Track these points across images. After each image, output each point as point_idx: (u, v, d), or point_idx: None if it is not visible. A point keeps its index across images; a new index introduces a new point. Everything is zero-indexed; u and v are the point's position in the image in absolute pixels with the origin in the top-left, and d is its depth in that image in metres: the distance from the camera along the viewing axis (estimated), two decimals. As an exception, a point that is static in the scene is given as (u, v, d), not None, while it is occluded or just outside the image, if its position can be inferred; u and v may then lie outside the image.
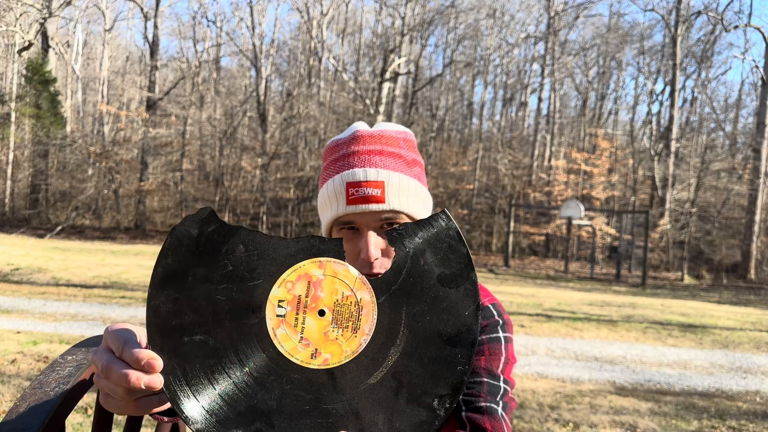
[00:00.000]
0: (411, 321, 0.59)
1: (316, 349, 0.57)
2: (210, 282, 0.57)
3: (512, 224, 21.83)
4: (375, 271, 0.84)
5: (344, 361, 0.58)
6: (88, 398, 3.96)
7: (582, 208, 19.09)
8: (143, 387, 0.53)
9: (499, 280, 15.86)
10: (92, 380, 0.83)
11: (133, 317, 7.07)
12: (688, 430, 4.24)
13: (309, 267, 0.59)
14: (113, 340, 0.56)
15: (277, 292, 0.58)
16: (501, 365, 0.91)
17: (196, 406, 0.55)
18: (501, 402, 0.86)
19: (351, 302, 0.58)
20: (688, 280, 20.07)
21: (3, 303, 7.51)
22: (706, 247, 23.28)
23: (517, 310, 9.41)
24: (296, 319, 0.58)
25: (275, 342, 0.57)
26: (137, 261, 13.59)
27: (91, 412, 3.76)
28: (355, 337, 0.58)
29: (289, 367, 0.57)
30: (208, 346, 0.56)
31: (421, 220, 0.61)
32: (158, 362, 0.54)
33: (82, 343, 0.88)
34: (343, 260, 0.60)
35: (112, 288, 9.32)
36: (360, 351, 0.58)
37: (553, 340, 7.14)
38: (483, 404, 0.84)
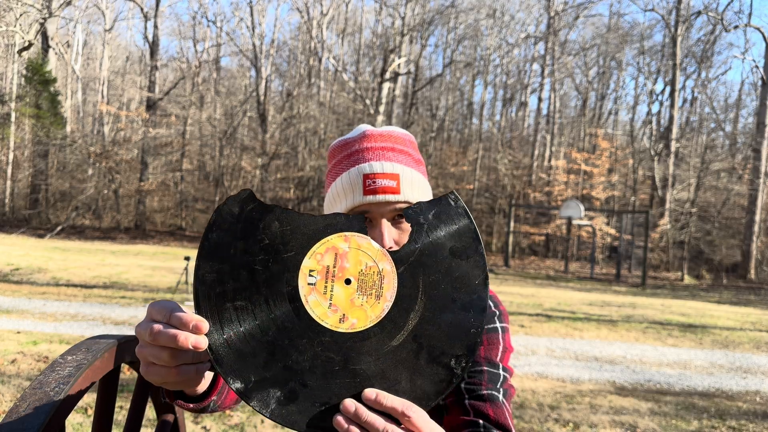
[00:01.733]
0: (428, 289, 0.64)
1: (344, 314, 0.63)
2: (249, 254, 0.64)
3: (512, 224, 21.83)
4: None
5: (369, 325, 0.63)
6: (89, 398, 3.96)
7: (582, 208, 19.09)
8: (191, 347, 0.58)
9: (499, 280, 15.86)
10: (92, 381, 0.83)
11: (134, 317, 7.07)
12: (688, 430, 4.24)
13: (336, 240, 0.65)
14: (159, 309, 0.62)
15: (308, 262, 0.64)
16: (499, 354, 0.95)
17: (236, 367, 0.61)
18: (501, 389, 0.90)
19: (374, 272, 0.64)
20: (688, 280, 20.07)
21: (3, 303, 7.51)
22: (706, 247, 23.28)
23: (517, 310, 9.41)
24: (325, 287, 0.64)
25: (307, 307, 0.63)
26: (137, 261, 13.59)
27: (91, 412, 3.76)
28: (378, 303, 0.64)
29: (320, 330, 0.63)
30: (248, 310, 0.63)
31: (434, 200, 0.67)
32: (204, 324, 0.59)
33: (82, 343, 0.88)
34: (366, 235, 0.66)
35: (112, 288, 9.32)
36: (383, 316, 0.64)
37: (553, 340, 7.14)
38: (485, 392, 0.88)
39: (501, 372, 0.92)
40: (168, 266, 12.91)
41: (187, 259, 8.84)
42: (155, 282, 10.20)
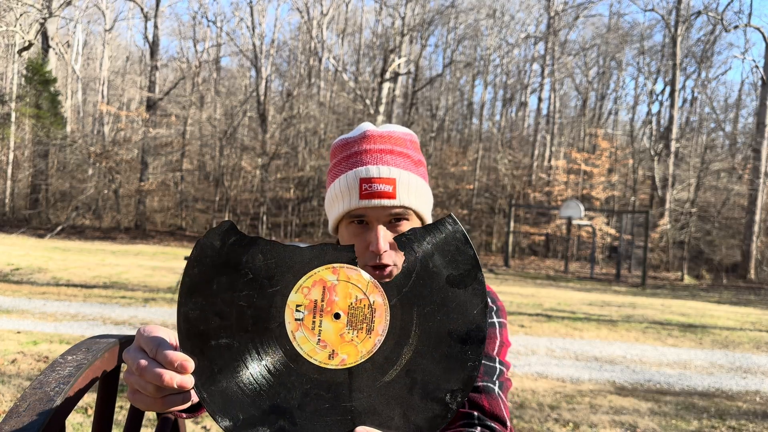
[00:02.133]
0: (422, 321, 0.62)
1: (333, 350, 0.61)
2: (233, 289, 0.61)
3: (512, 224, 21.83)
4: (384, 262, 0.88)
5: (360, 361, 0.61)
6: (89, 398, 3.96)
7: (582, 208, 19.09)
8: (176, 386, 0.58)
9: (499, 280, 15.86)
10: (92, 381, 0.84)
11: (134, 317, 7.08)
12: (688, 430, 4.24)
13: (324, 273, 0.62)
14: (147, 342, 0.61)
15: (294, 297, 0.62)
16: (496, 348, 0.95)
17: (223, 405, 0.59)
18: (497, 382, 0.91)
19: (364, 305, 0.62)
20: (688, 280, 20.07)
21: (3, 303, 7.52)
22: (706, 247, 23.28)
23: (517, 310, 9.41)
24: (313, 322, 0.61)
25: (294, 344, 0.61)
26: (137, 261, 13.59)
27: (91, 412, 3.77)
28: (370, 338, 0.61)
29: (308, 367, 0.61)
30: (233, 348, 0.60)
31: (429, 225, 0.64)
32: (190, 364, 0.58)
33: (83, 343, 0.88)
34: (356, 266, 0.63)
35: (112, 288, 9.32)
36: (375, 351, 0.61)
37: (553, 340, 7.14)
38: (480, 384, 0.88)
39: (497, 365, 0.93)
40: (168, 266, 12.91)
41: (187, 259, 8.84)
42: (155, 282, 10.20)
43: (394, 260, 0.89)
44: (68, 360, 0.81)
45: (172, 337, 0.64)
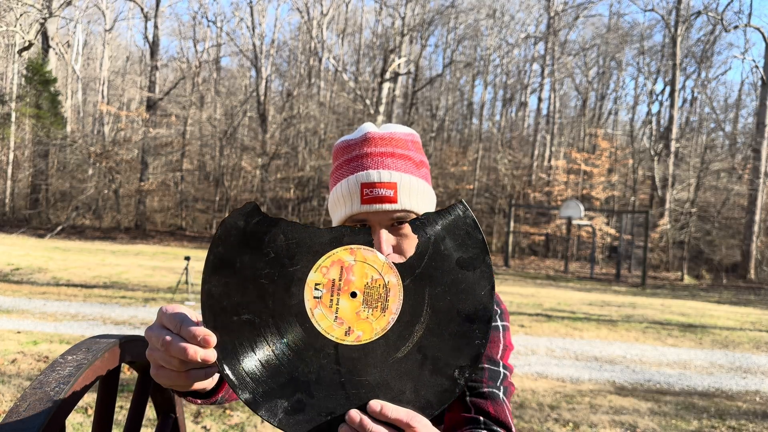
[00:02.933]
0: (433, 301, 0.65)
1: (349, 327, 0.64)
2: (255, 267, 0.64)
3: (512, 224, 21.83)
4: None
5: (374, 338, 0.64)
6: (89, 398, 3.97)
7: (582, 208, 19.09)
8: (199, 360, 0.60)
9: (499, 280, 15.86)
10: (93, 381, 0.84)
11: (134, 317, 7.08)
12: (687, 430, 4.24)
13: (342, 254, 0.65)
14: (170, 319, 0.63)
15: (313, 276, 0.64)
16: (500, 351, 0.97)
17: (243, 378, 0.62)
18: (502, 387, 0.93)
19: (379, 285, 0.65)
20: (687, 280, 20.07)
21: (3, 303, 7.52)
22: (706, 247, 23.28)
23: (517, 310, 9.41)
24: (331, 300, 0.64)
25: (313, 321, 0.64)
26: (137, 261, 13.59)
27: (91, 412, 3.77)
28: (384, 316, 0.64)
29: (325, 343, 0.64)
30: (254, 324, 0.63)
31: (441, 210, 0.67)
32: (213, 338, 0.61)
33: (83, 343, 0.88)
34: (372, 248, 0.66)
35: (112, 288, 9.32)
36: (388, 328, 0.64)
37: (553, 340, 7.14)
38: (486, 389, 0.90)
39: (501, 370, 0.95)
40: (168, 266, 12.92)
41: (187, 258, 8.83)
42: (155, 282, 10.21)
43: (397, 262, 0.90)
44: (68, 360, 0.81)
45: (193, 314, 0.65)
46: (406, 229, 0.91)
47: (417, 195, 0.93)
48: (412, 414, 0.62)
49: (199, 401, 0.83)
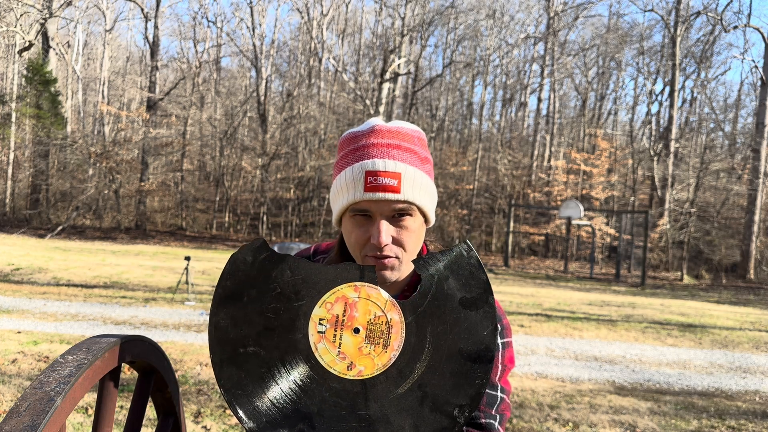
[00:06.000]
0: (435, 339, 0.66)
1: (351, 362, 0.66)
2: (261, 302, 0.66)
3: (512, 224, 21.83)
4: (384, 253, 0.88)
5: (376, 373, 0.66)
6: (89, 398, 3.97)
7: (581, 208, 19.09)
8: None
9: (498, 280, 15.86)
10: (93, 381, 0.84)
11: (134, 317, 7.08)
12: (687, 430, 4.25)
13: (346, 290, 0.67)
14: None
15: (318, 311, 0.66)
16: (498, 373, 0.96)
17: (248, 408, 0.64)
18: (498, 415, 0.93)
19: (382, 322, 0.67)
20: (687, 279, 20.08)
21: (4, 303, 7.52)
22: (706, 247, 23.28)
23: (517, 310, 9.42)
24: (334, 335, 0.66)
25: (316, 355, 0.66)
26: (138, 261, 13.59)
27: (91, 412, 3.77)
28: (386, 352, 0.66)
29: (328, 377, 0.66)
30: (260, 356, 0.65)
31: (446, 250, 0.69)
32: None
33: (83, 343, 0.89)
34: (376, 285, 0.68)
35: (112, 288, 9.33)
36: (390, 365, 0.66)
37: (553, 340, 7.14)
38: (483, 421, 0.90)
39: (498, 393, 0.94)
40: (168, 266, 12.92)
41: (187, 259, 8.83)
42: (156, 282, 10.21)
43: (396, 253, 0.89)
44: (69, 360, 0.82)
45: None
46: (407, 221, 0.90)
47: (420, 188, 0.93)
48: None
49: None
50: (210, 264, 13.74)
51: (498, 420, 0.92)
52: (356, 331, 0.66)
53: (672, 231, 22.36)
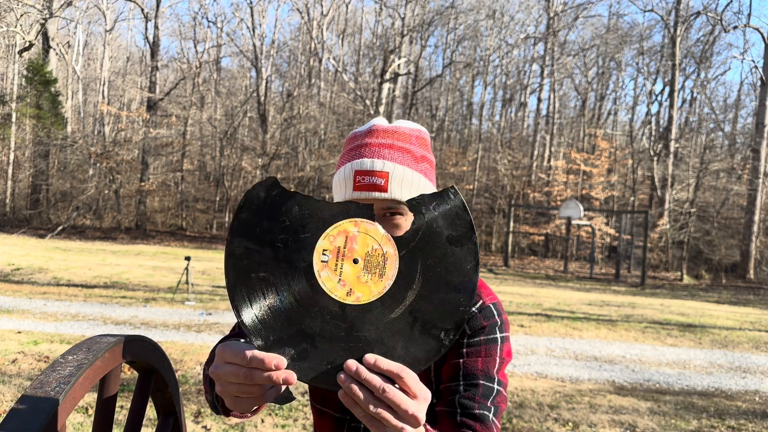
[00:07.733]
0: (425, 270, 0.74)
1: (351, 289, 0.73)
2: (272, 232, 0.73)
3: (512, 224, 21.83)
4: None
5: (372, 299, 0.73)
6: (89, 398, 3.97)
7: (581, 208, 19.09)
8: (281, 382, 0.68)
9: (498, 279, 15.86)
10: (93, 381, 0.84)
11: (134, 317, 7.08)
12: (687, 430, 4.25)
13: (347, 225, 0.75)
14: (234, 353, 0.70)
15: (322, 243, 0.74)
16: (497, 365, 0.98)
17: (257, 325, 0.71)
18: (492, 407, 0.95)
19: (379, 254, 0.74)
20: (687, 279, 20.07)
21: (4, 303, 7.52)
22: (706, 247, 23.28)
23: (517, 309, 9.42)
24: (336, 264, 0.73)
25: (320, 281, 0.73)
26: (138, 261, 13.59)
27: (91, 412, 3.78)
28: (381, 281, 0.73)
29: (329, 301, 0.73)
30: (269, 281, 0.72)
31: (435, 193, 0.76)
32: (283, 361, 0.69)
33: (83, 343, 0.89)
34: (374, 221, 0.75)
35: (112, 288, 9.33)
36: (384, 292, 0.73)
37: (553, 340, 7.15)
38: (477, 411, 0.93)
39: (495, 386, 0.96)
40: (168, 266, 12.92)
41: (187, 259, 8.83)
42: (156, 282, 10.21)
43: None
44: (69, 360, 0.82)
45: (242, 344, 0.73)
46: (398, 219, 0.93)
47: (410, 187, 0.94)
48: (402, 367, 0.69)
49: (249, 415, 0.87)
50: (210, 264, 13.74)
51: (492, 411, 0.94)
52: (355, 261, 0.73)
53: (672, 231, 22.37)
